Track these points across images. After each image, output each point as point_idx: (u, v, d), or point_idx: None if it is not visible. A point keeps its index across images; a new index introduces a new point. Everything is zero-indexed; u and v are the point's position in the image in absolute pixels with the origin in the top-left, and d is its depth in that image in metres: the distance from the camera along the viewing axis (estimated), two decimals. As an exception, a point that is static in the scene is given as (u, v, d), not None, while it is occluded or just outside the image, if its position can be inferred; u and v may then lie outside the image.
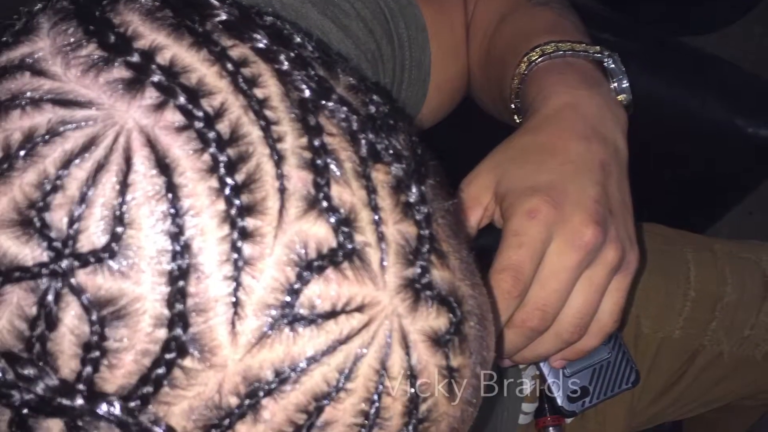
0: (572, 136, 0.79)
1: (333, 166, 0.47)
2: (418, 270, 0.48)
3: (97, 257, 0.43)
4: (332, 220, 0.46)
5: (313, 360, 0.45)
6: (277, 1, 0.85)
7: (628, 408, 1.35)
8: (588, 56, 0.88)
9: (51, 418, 0.46)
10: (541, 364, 0.91)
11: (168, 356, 0.44)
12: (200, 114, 0.45)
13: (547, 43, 0.88)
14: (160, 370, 0.44)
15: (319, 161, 0.47)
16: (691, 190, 1.67)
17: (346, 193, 0.47)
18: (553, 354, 0.80)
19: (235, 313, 0.44)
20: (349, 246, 0.46)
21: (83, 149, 0.44)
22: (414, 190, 0.50)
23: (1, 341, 0.45)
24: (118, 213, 0.43)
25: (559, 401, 0.92)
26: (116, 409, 0.45)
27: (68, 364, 0.45)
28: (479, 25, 1.03)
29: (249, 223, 0.44)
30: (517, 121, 0.90)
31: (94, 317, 0.43)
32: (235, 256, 0.44)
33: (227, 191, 0.44)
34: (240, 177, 0.44)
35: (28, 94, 0.46)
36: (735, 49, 2.46)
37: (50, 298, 0.44)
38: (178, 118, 0.45)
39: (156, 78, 0.46)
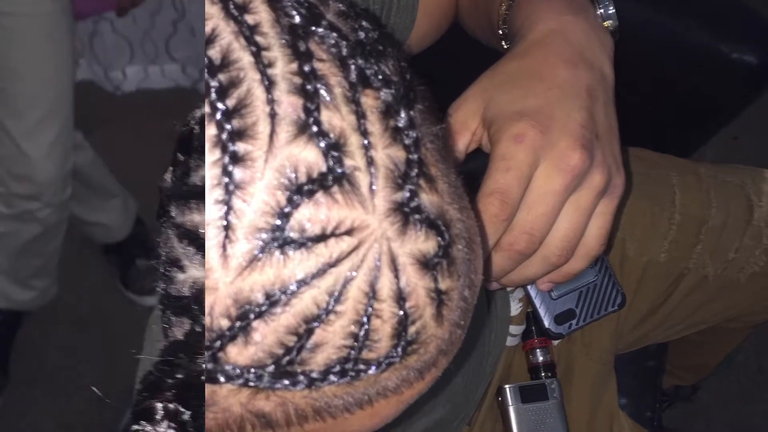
0: (559, 61, 0.79)
1: (323, 92, 0.47)
2: (407, 194, 0.49)
3: None
4: (322, 144, 0.46)
5: (303, 283, 0.46)
6: None
7: (614, 330, 1.36)
8: (575, -18, 0.88)
9: None
10: (529, 287, 0.92)
11: None
12: None
13: (535, -32, 0.88)
14: None
15: (309, 86, 0.47)
16: (676, 115, 1.67)
17: (336, 118, 0.47)
18: (540, 277, 0.80)
19: (226, 236, 0.45)
20: (339, 170, 0.46)
21: None
22: (403, 115, 0.50)
23: None
24: None
25: (546, 323, 0.93)
26: None
27: None
28: (467, -49, 1.02)
29: (240, 147, 0.44)
30: (505, 47, 0.90)
31: None
32: (226, 180, 0.44)
33: (218, 116, 0.44)
34: (231, 102, 0.45)
35: None
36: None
37: None
38: None
39: None
